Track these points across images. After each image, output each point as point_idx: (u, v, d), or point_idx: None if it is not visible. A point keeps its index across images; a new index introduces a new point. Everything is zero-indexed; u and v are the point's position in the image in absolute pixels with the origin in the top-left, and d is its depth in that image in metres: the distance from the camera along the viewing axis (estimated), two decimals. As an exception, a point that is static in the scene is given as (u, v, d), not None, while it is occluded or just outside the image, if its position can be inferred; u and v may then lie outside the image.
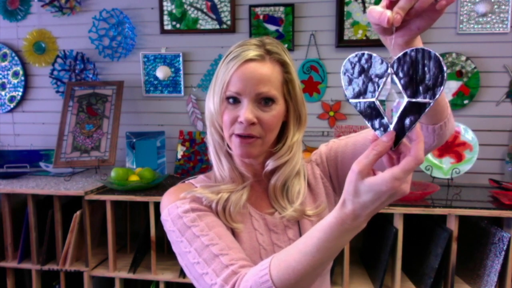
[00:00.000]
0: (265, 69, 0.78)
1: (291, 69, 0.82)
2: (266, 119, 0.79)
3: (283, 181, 0.84)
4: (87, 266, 1.77)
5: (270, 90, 0.78)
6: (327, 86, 2.04)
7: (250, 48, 0.79)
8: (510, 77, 1.90)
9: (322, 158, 0.92)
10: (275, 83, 0.79)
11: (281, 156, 0.84)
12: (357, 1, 1.95)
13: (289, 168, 0.84)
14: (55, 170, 2.05)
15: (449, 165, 1.83)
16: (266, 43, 0.81)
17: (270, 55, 0.80)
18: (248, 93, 0.77)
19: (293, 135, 0.85)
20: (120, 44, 2.17)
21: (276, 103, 0.80)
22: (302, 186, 0.85)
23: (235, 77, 0.78)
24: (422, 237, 1.64)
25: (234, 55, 0.79)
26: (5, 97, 2.33)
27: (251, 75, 0.77)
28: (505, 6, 1.86)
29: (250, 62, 0.78)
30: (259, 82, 0.77)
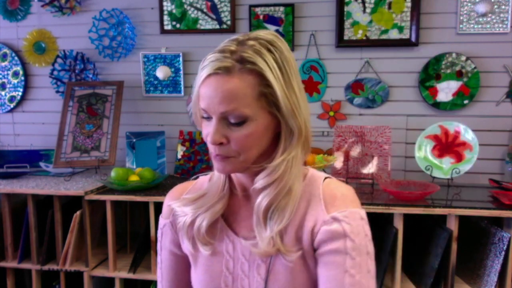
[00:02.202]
0: (231, 84, 0.67)
1: (272, 80, 0.68)
2: (237, 139, 0.69)
3: (269, 203, 0.73)
4: (87, 266, 1.77)
5: (237, 109, 0.67)
6: (327, 86, 2.04)
7: (219, 57, 0.68)
8: (510, 77, 1.90)
9: (314, 237, 0.73)
10: (245, 99, 0.67)
11: (269, 175, 0.72)
12: (357, 1, 1.95)
13: (277, 189, 0.72)
14: (55, 170, 2.05)
15: (449, 165, 1.83)
16: (246, 47, 0.69)
17: (242, 65, 0.67)
18: (213, 111, 0.69)
19: (282, 152, 0.73)
20: (120, 44, 2.17)
21: (250, 120, 0.68)
22: (288, 211, 0.73)
23: (202, 91, 0.70)
24: (422, 237, 1.64)
25: (205, 64, 0.70)
26: (5, 97, 2.33)
27: (214, 92, 0.68)
28: (505, 6, 1.86)
29: (213, 76, 0.68)
30: (222, 100, 0.67)
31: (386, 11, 1.94)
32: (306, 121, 0.73)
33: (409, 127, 1.99)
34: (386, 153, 1.88)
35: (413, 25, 1.92)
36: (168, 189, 0.89)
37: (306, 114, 0.73)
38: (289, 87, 0.70)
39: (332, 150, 1.96)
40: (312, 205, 0.75)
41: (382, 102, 2.00)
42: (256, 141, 0.71)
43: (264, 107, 0.70)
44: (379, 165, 1.88)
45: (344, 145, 1.93)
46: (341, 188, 0.77)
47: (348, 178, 1.85)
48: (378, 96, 1.99)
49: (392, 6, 1.93)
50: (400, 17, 1.93)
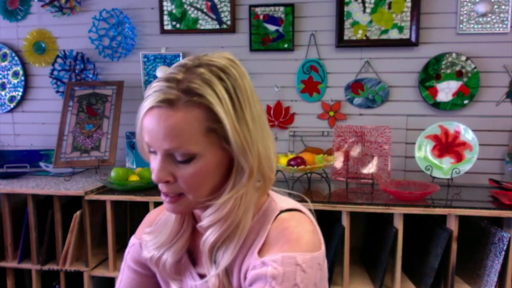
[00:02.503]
0: (175, 119, 0.60)
1: (221, 114, 0.61)
2: (185, 177, 0.64)
3: (214, 241, 0.67)
4: (87, 266, 1.77)
5: (181, 146, 0.61)
6: (327, 86, 2.04)
7: (163, 86, 0.61)
8: (510, 77, 1.90)
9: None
10: (191, 135, 0.61)
11: (216, 212, 0.66)
12: (357, 1, 1.95)
13: (222, 228, 0.66)
14: (55, 170, 2.05)
15: (449, 165, 1.83)
16: (194, 75, 0.62)
17: (188, 97, 0.60)
18: (157, 147, 0.63)
19: (231, 189, 0.66)
20: (120, 44, 2.17)
21: (198, 157, 0.63)
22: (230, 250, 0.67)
23: (144, 124, 0.64)
24: (422, 237, 1.64)
25: (148, 94, 0.63)
26: (5, 97, 2.33)
27: (157, 127, 0.61)
28: (505, 6, 1.86)
29: (156, 109, 0.61)
30: (166, 137, 0.61)
31: (386, 11, 1.94)
32: (262, 156, 0.66)
33: (409, 127, 1.99)
34: (386, 153, 1.88)
35: (413, 25, 1.92)
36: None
37: (263, 150, 0.66)
38: (241, 121, 0.63)
39: (332, 150, 1.97)
40: (254, 245, 0.68)
41: (382, 102, 2.00)
42: (206, 179, 0.65)
43: (214, 142, 0.63)
44: (379, 165, 1.88)
45: (344, 145, 1.93)
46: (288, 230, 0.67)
47: (348, 178, 1.85)
48: (378, 96, 1.99)
49: (392, 6, 1.93)
50: (400, 17, 1.93)
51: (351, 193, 1.74)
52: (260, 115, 0.67)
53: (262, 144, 0.66)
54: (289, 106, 2.08)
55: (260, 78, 2.08)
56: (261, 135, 0.66)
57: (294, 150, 2.07)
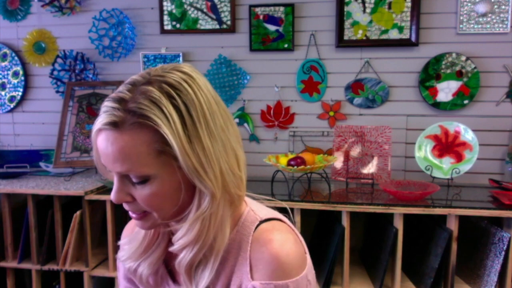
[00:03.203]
0: (121, 142, 0.58)
1: (169, 136, 0.58)
2: (141, 198, 0.62)
3: (190, 262, 0.66)
4: (87, 266, 1.77)
5: (132, 169, 0.59)
6: (327, 86, 2.04)
7: (109, 108, 0.59)
8: (510, 77, 1.90)
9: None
10: (141, 158, 0.58)
11: (185, 235, 0.64)
12: (357, 1, 1.95)
13: (194, 249, 0.64)
14: (55, 170, 2.05)
15: (449, 165, 1.83)
16: (140, 94, 0.58)
17: (134, 118, 0.58)
18: (111, 169, 0.62)
19: (196, 209, 0.63)
20: (120, 44, 2.17)
21: (153, 178, 0.60)
22: (208, 270, 0.66)
23: (97, 146, 0.62)
24: (422, 237, 1.64)
25: (99, 114, 0.61)
26: (5, 97, 2.33)
27: (105, 150, 0.60)
28: (505, 6, 1.86)
29: (103, 131, 0.60)
30: (115, 160, 0.59)
31: (386, 11, 1.94)
32: (226, 174, 0.63)
33: (409, 127, 1.99)
34: (386, 153, 1.88)
35: (413, 25, 1.92)
36: None
37: (226, 167, 0.63)
38: (194, 140, 0.59)
39: (332, 150, 1.97)
40: (239, 264, 0.67)
41: (382, 102, 2.00)
42: (166, 199, 0.62)
43: (168, 163, 0.60)
44: (379, 165, 1.88)
45: (344, 145, 1.93)
46: (272, 245, 0.64)
47: (348, 178, 1.85)
48: (378, 96, 1.99)
49: (392, 6, 1.93)
50: (400, 17, 1.93)
51: (351, 193, 1.74)
52: (222, 129, 0.63)
53: (224, 161, 0.63)
54: (289, 106, 2.08)
55: (260, 78, 2.08)
56: (224, 151, 0.63)
57: (294, 150, 2.07)
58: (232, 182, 0.64)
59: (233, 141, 0.65)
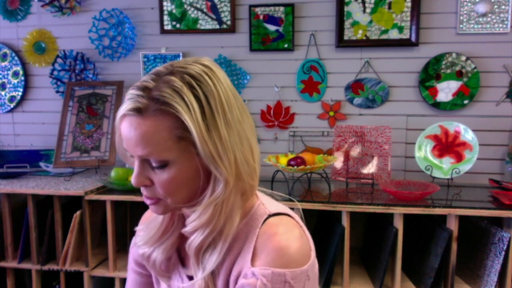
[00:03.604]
0: (144, 127, 0.62)
1: (190, 123, 0.61)
2: (160, 182, 0.65)
3: (199, 245, 0.68)
4: (87, 266, 1.77)
5: (153, 153, 0.62)
6: (327, 86, 2.04)
7: (133, 95, 0.63)
8: (510, 77, 1.90)
9: None
10: (162, 143, 0.62)
11: (198, 217, 0.67)
12: (357, 1, 1.95)
13: (204, 232, 0.67)
14: (55, 170, 2.05)
15: (449, 165, 1.83)
16: (163, 84, 0.62)
17: (157, 105, 0.61)
18: (133, 153, 0.65)
19: (210, 195, 0.66)
20: (120, 44, 2.17)
21: (172, 163, 0.63)
22: (215, 254, 0.68)
23: (121, 131, 0.65)
24: (422, 237, 1.64)
25: (124, 101, 0.65)
26: (5, 97, 2.33)
27: (129, 134, 0.63)
28: (505, 6, 1.86)
29: (128, 117, 0.63)
30: (137, 144, 0.62)
31: (386, 11, 1.94)
32: (240, 164, 0.66)
33: (409, 127, 1.99)
34: (386, 153, 1.88)
35: (413, 25, 1.92)
36: None
37: (241, 156, 0.66)
38: (212, 129, 0.63)
39: (332, 150, 1.97)
40: (243, 252, 0.69)
41: (382, 102, 2.00)
42: (182, 185, 0.65)
43: (187, 150, 0.63)
44: (379, 165, 1.88)
45: (344, 145, 1.93)
46: (278, 237, 0.66)
47: (348, 178, 1.85)
48: (378, 96, 1.99)
49: (392, 6, 1.93)
50: (400, 17, 1.93)
51: (351, 193, 1.74)
52: (238, 121, 0.66)
53: (239, 151, 0.65)
54: (289, 106, 2.08)
55: (260, 78, 2.08)
56: (239, 141, 0.66)
57: (294, 150, 2.07)
58: (245, 172, 0.67)
59: (248, 132, 0.68)
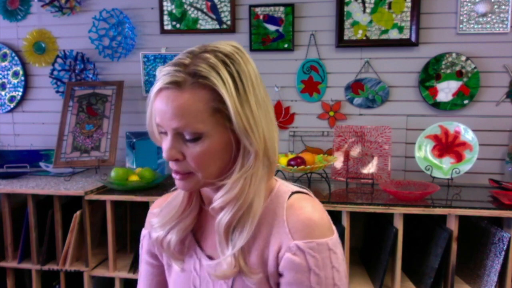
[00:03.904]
0: (182, 99, 0.64)
1: (225, 95, 0.64)
2: (193, 156, 0.66)
3: (229, 221, 0.69)
4: (87, 266, 1.77)
5: (188, 125, 0.64)
6: (327, 86, 2.04)
7: (171, 70, 0.65)
8: (510, 77, 1.90)
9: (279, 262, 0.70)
10: (198, 115, 0.64)
11: (227, 193, 0.68)
12: (357, 1, 1.95)
13: (235, 208, 0.68)
14: (55, 170, 2.05)
15: (449, 165, 1.83)
16: (200, 60, 0.65)
17: (194, 79, 0.64)
18: (167, 127, 0.66)
19: (240, 169, 0.68)
20: (120, 44, 2.17)
21: (205, 136, 0.65)
22: (246, 229, 0.69)
23: (155, 106, 0.67)
24: (422, 237, 1.64)
25: (158, 77, 0.67)
26: (5, 97, 2.33)
27: (165, 107, 0.65)
28: (505, 6, 1.86)
29: (165, 90, 0.65)
30: (174, 116, 0.64)
31: (386, 11, 1.94)
32: (267, 139, 0.69)
33: (409, 127, 1.99)
34: (386, 153, 1.88)
35: (413, 25, 1.92)
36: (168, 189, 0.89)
37: (267, 133, 0.69)
38: (245, 104, 0.66)
39: (332, 150, 1.97)
40: (276, 227, 0.71)
41: (382, 102, 2.00)
42: (214, 158, 0.67)
43: (220, 123, 0.66)
44: (379, 165, 1.88)
45: (344, 145, 1.93)
46: (306, 209, 0.71)
47: (348, 178, 1.85)
48: (378, 96, 1.99)
49: (392, 6, 1.93)
50: (400, 17, 1.93)
51: (351, 193, 1.74)
52: (264, 100, 0.70)
53: (266, 128, 0.69)
54: (289, 106, 2.08)
55: (260, 78, 2.08)
56: (265, 119, 0.69)
57: (294, 150, 2.07)
58: (271, 147, 0.70)
59: (271, 112, 0.72)
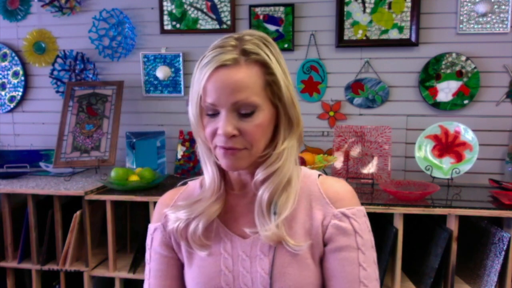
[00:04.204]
0: (240, 74, 0.69)
1: (275, 69, 0.72)
2: (248, 130, 0.71)
3: (272, 193, 0.74)
4: (87, 266, 1.77)
5: (248, 97, 0.69)
6: (327, 86, 2.04)
7: (223, 51, 0.70)
8: (510, 77, 1.90)
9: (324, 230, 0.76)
10: (255, 88, 0.70)
11: (271, 165, 0.74)
12: (357, 1, 1.95)
13: (278, 178, 0.74)
14: (55, 170, 2.05)
15: (449, 165, 1.83)
16: (245, 41, 0.72)
17: (247, 56, 0.70)
18: (224, 103, 0.69)
19: (283, 141, 0.75)
20: (120, 44, 2.17)
21: (259, 110, 0.71)
22: (291, 199, 0.75)
23: (208, 86, 0.70)
24: (422, 237, 1.64)
25: (206, 61, 0.71)
26: (5, 97, 2.33)
27: (225, 83, 0.69)
28: (505, 6, 1.86)
29: (222, 68, 0.69)
30: (234, 91, 0.69)
31: (386, 11, 1.94)
32: (299, 113, 0.77)
33: (409, 127, 1.99)
34: (386, 153, 1.88)
35: (413, 25, 1.92)
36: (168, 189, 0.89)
37: (298, 107, 0.77)
38: (287, 77, 0.74)
39: (332, 150, 1.97)
40: (315, 201, 0.77)
41: (382, 102, 2.00)
42: (264, 132, 0.73)
43: (268, 97, 0.72)
44: (379, 165, 1.88)
45: (344, 145, 1.93)
46: (338, 184, 0.80)
47: (348, 178, 1.85)
48: (378, 96, 1.99)
49: (392, 6, 1.93)
50: (400, 17, 1.93)
51: (351, 193, 1.74)
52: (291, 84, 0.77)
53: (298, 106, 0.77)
54: (289, 106, 2.08)
55: (260, 78, 2.08)
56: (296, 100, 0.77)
57: (294, 150, 2.06)
58: (302, 126, 0.79)
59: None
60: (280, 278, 0.72)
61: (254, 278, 0.75)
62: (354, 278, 0.74)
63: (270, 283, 0.73)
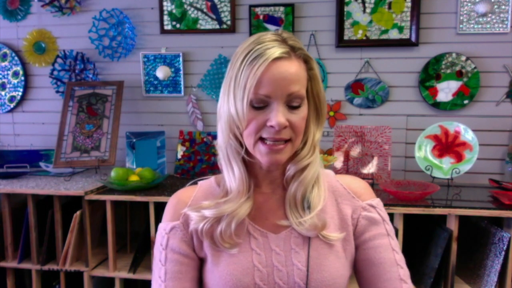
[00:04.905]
0: (294, 67, 0.72)
1: (314, 64, 0.76)
2: (296, 121, 0.73)
3: (305, 187, 0.78)
4: (87, 266, 1.77)
5: (300, 90, 0.72)
6: (327, 86, 2.04)
7: (273, 45, 0.72)
8: (510, 77, 1.90)
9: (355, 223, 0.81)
10: (303, 81, 0.74)
11: (303, 159, 0.77)
12: (357, 1, 1.95)
13: (311, 172, 0.78)
14: (55, 170, 2.05)
15: (449, 165, 1.83)
16: (287, 38, 0.74)
17: (295, 52, 0.73)
18: (280, 95, 0.71)
19: (314, 134, 0.79)
20: (120, 44, 2.17)
21: (304, 103, 0.74)
22: (322, 193, 0.79)
23: (264, 79, 0.70)
24: (422, 237, 1.64)
25: (257, 54, 0.71)
26: (5, 97, 2.33)
27: (282, 75, 0.70)
28: (505, 6, 1.86)
29: (278, 61, 0.71)
30: (291, 82, 0.71)
31: (386, 11, 1.94)
32: None
33: (409, 127, 1.99)
34: (386, 153, 1.88)
35: (413, 25, 1.92)
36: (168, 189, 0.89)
37: None
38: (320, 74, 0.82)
39: (332, 150, 1.97)
40: (340, 197, 0.82)
41: (382, 102, 2.00)
42: (304, 125, 0.76)
43: (308, 91, 0.77)
44: (379, 165, 1.88)
45: (344, 145, 1.93)
46: (356, 180, 0.86)
47: (348, 178, 1.84)
48: (378, 96, 1.99)
49: (392, 6, 1.93)
50: (400, 17, 1.93)
51: (351, 193, 1.74)
52: None
53: None
54: (289, 106, 2.08)
55: (260, 78, 2.08)
56: None
57: (294, 150, 2.07)
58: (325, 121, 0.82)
59: None
60: (317, 270, 0.74)
61: (289, 272, 0.75)
62: (392, 262, 0.78)
63: (307, 275, 0.74)
